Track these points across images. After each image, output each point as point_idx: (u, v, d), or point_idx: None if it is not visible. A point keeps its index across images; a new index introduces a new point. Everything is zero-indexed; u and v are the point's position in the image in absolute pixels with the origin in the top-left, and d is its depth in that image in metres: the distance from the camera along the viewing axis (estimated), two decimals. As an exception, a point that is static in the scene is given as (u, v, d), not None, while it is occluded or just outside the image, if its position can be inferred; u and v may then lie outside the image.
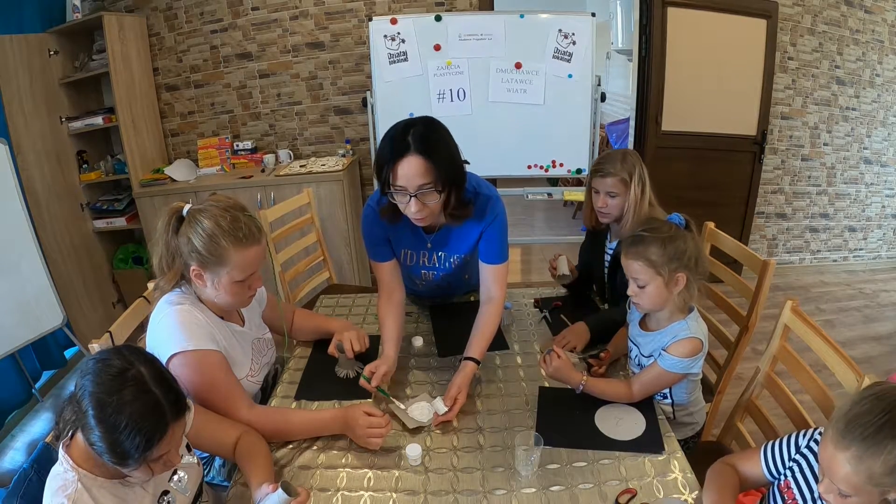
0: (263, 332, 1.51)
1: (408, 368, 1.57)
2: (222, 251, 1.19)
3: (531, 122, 3.02)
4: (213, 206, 1.22)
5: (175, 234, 1.23)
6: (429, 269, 1.67)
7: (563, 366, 1.37)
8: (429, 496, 1.13)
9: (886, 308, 3.49)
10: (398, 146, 1.31)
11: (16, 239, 2.49)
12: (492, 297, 1.55)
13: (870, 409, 0.85)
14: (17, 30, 2.82)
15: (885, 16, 3.43)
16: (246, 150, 3.48)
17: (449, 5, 3.25)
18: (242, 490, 1.15)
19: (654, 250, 1.26)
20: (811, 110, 3.58)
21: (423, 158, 1.30)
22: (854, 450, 0.84)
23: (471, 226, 1.53)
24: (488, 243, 1.54)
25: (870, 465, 0.83)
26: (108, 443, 0.86)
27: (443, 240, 1.59)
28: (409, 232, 1.57)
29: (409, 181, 1.32)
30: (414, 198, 1.34)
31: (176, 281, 1.27)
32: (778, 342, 1.45)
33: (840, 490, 0.87)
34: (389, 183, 1.34)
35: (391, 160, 1.32)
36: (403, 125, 1.35)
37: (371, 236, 1.59)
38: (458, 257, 1.62)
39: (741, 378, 1.85)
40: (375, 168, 1.38)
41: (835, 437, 0.87)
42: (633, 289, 1.31)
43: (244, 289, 1.27)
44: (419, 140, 1.31)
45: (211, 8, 3.30)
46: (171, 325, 1.21)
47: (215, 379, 1.23)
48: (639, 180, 1.61)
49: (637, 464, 1.18)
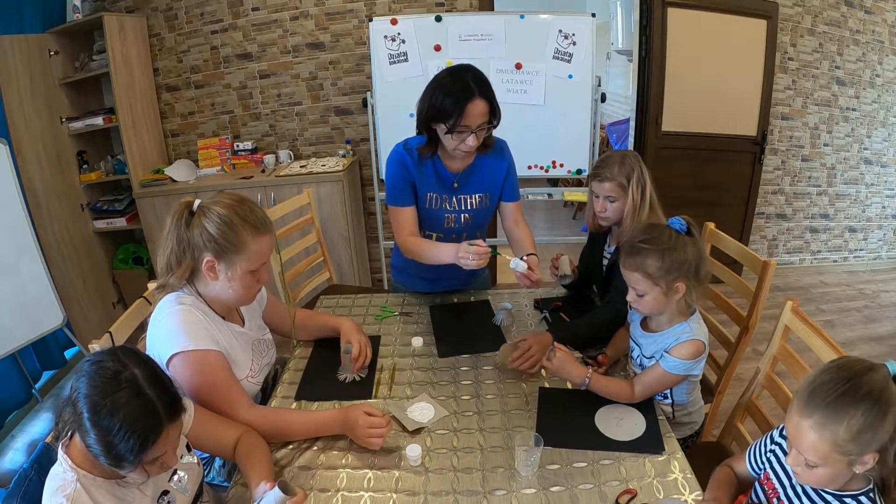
0: (264, 333, 1.51)
1: (408, 368, 1.57)
2: (240, 238, 1.20)
3: (531, 122, 3.02)
4: (224, 199, 1.24)
5: (187, 227, 1.21)
6: (451, 213, 1.78)
7: (566, 360, 1.36)
8: (429, 496, 1.13)
9: (887, 309, 3.50)
10: (465, 91, 1.50)
11: (16, 239, 2.49)
12: (518, 222, 1.82)
13: (832, 378, 0.87)
14: (17, 30, 2.83)
15: (885, 16, 3.43)
16: (246, 151, 3.48)
17: (449, 6, 3.25)
18: (242, 490, 1.15)
19: (651, 262, 1.24)
20: (811, 111, 3.58)
21: (485, 101, 1.52)
22: (817, 416, 0.86)
23: (492, 162, 1.75)
24: (511, 184, 1.80)
25: (833, 430, 0.84)
26: (102, 445, 0.86)
27: (466, 178, 1.74)
28: (433, 175, 1.71)
29: (475, 120, 1.53)
30: (473, 133, 1.55)
31: (187, 276, 1.25)
32: (778, 342, 1.45)
33: (807, 460, 0.89)
34: (458, 124, 1.51)
35: (461, 103, 1.49)
36: (455, 72, 1.55)
37: (397, 179, 1.70)
38: (479, 197, 1.77)
39: (741, 378, 1.85)
40: (435, 112, 1.54)
41: (799, 406, 0.89)
42: (632, 296, 1.31)
43: (254, 281, 1.28)
44: (480, 84, 1.52)
45: (211, 8, 3.30)
46: (172, 324, 1.21)
47: (215, 379, 1.23)
48: (637, 184, 1.58)
49: (637, 464, 1.18)
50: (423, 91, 1.60)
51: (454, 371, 1.54)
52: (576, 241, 3.16)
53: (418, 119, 1.62)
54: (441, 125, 1.56)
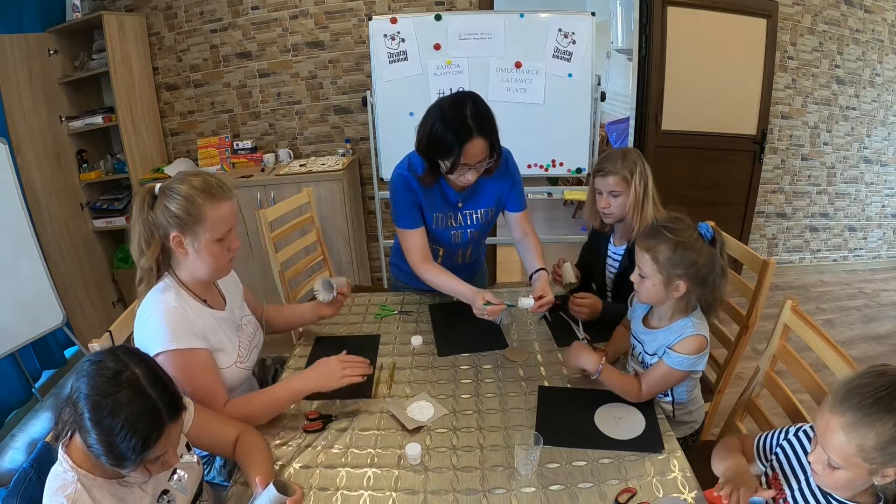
0: (246, 313, 1.51)
1: (407, 367, 1.57)
2: (198, 208, 1.22)
3: (531, 121, 3.02)
4: (182, 175, 1.26)
5: (151, 210, 1.24)
6: (457, 230, 1.80)
7: (582, 347, 1.38)
8: (428, 495, 1.13)
9: (886, 307, 3.50)
10: (463, 130, 1.48)
11: (15, 238, 2.49)
12: (527, 232, 1.81)
13: (871, 383, 0.86)
14: (16, 29, 2.82)
15: (885, 15, 3.43)
16: (246, 150, 3.48)
17: (449, 5, 3.25)
18: (242, 489, 1.15)
19: (663, 248, 1.26)
20: (811, 110, 3.58)
21: (483, 139, 1.51)
22: (849, 416, 0.85)
23: (496, 178, 1.72)
24: (518, 195, 1.79)
25: (863, 434, 0.83)
26: (104, 445, 0.86)
27: (471, 196, 1.75)
28: (439, 195, 1.72)
29: (474, 158, 1.52)
30: (473, 168, 1.55)
31: (156, 257, 1.26)
32: (778, 341, 1.45)
33: (830, 460, 0.88)
34: (457, 164, 1.51)
35: (459, 144, 1.48)
36: (455, 105, 1.51)
37: (404, 203, 1.70)
38: (485, 211, 1.79)
39: (741, 377, 1.85)
40: (434, 147, 1.53)
41: (832, 403, 0.88)
42: (635, 275, 1.33)
43: (223, 250, 1.29)
44: (478, 121, 1.50)
45: (211, 7, 3.30)
46: (157, 322, 1.22)
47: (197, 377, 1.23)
48: (640, 178, 1.60)
49: (637, 463, 1.18)
50: (424, 116, 1.57)
51: (454, 370, 1.55)
52: (575, 240, 3.17)
53: (418, 145, 1.59)
54: (440, 162, 1.55)
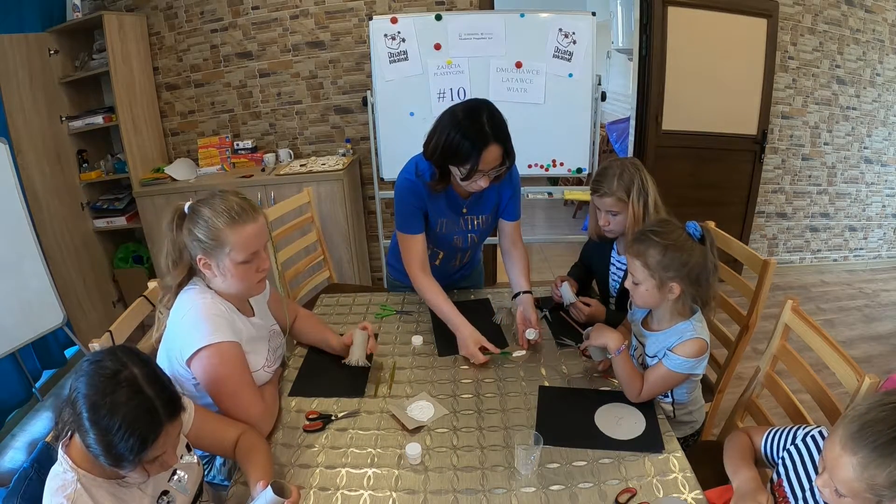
0: (272, 324, 1.53)
1: (408, 367, 1.57)
2: (219, 233, 1.22)
3: (531, 121, 3.01)
4: (209, 197, 1.27)
5: (178, 230, 1.26)
6: (459, 234, 1.81)
7: (604, 327, 1.38)
8: (429, 495, 1.13)
9: (887, 307, 3.49)
10: (481, 138, 1.48)
11: (16, 238, 2.49)
12: (517, 243, 1.83)
13: (885, 419, 0.83)
14: (17, 29, 2.82)
15: (885, 15, 3.43)
16: (246, 150, 3.48)
17: (449, 4, 3.25)
18: (243, 489, 1.15)
19: (652, 253, 1.25)
20: (812, 110, 3.58)
21: (499, 145, 1.51)
22: (862, 456, 0.82)
23: (500, 185, 1.73)
24: (516, 204, 1.80)
25: (874, 474, 0.81)
26: (102, 445, 0.86)
27: (475, 202, 1.76)
28: (445, 201, 1.72)
29: (489, 164, 1.52)
30: (486, 175, 1.55)
31: (183, 276, 1.30)
32: (778, 341, 1.45)
33: (837, 489, 0.87)
34: (474, 171, 1.51)
35: (477, 151, 1.48)
36: (471, 113, 1.50)
37: (410, 208, 1.69)
38: (486, 216, 1.81)
39: (741, 377, 1.85)
40: (450, 154, 1.52)
41: (844, 438, 0.85)
42: (629, 282, 1.33)
43: (251, 271, 1.29)
44: (495, 128, 1.50)
45: (211, 7, 3.30)
46: (195, 318, 1.23)
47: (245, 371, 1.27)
48: (639, 195, 1.56)
49: (637, 463, 1.18)
50: (437, 123, 1.56)
51: (454, 370, 1.55)
52: (575, 240, 3.17)
53: (431, 153, 1.57)
54: (456, 169, 1.56)
